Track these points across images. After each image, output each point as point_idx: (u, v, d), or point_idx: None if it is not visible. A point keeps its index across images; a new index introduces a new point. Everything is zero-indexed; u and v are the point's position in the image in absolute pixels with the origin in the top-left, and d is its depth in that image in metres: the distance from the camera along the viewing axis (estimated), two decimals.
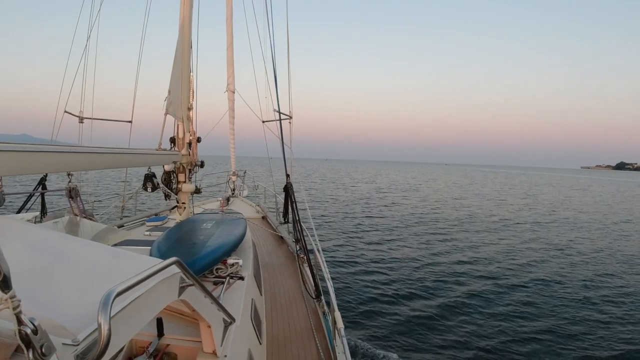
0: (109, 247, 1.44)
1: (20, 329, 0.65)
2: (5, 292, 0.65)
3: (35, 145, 2.04)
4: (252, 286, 3.06)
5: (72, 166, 2.67)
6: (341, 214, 18.86)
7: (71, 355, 0.74)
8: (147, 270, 1.01)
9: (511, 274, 9.99)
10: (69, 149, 2.37)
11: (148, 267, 1.11)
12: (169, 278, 1.13)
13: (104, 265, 1.22)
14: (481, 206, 25.20)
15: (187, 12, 4.98)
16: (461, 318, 6.97)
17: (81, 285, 1.03)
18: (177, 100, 4.88)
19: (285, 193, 4.90)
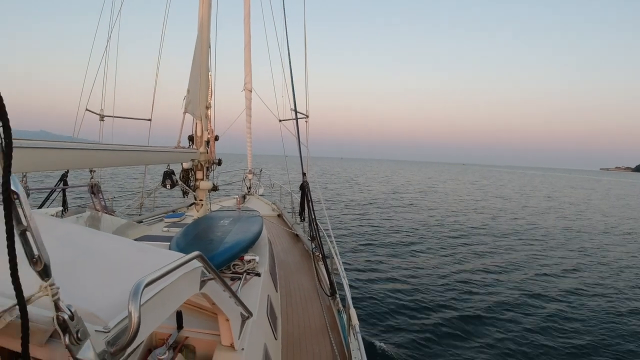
0: (132, 241, 1.49)
1: (58, 314, 0.69)
2: (45, 280, 0.69)
3: (58, 142, 2.11)
4: (268, 283, 3.11)
5: (94, 163, 2.76)
6: (356, 214, 18.58)
7: (102, 341, 0.77)
8: (173, 263, 1.05)
9: (541, 282, 9.34)
10: (91, 146, 2.46)
11: (171, 260, 1.16)
12: (191, 272, 1.17)
13: (129, 258, 1.27)
14: (504, 208, 24.28)
15: (206, 12, 5.06)
16: (482, 326, 6.80)
17: (108, 277, 1.08)
18: (196, 99, 4.97)
19: (302, 191, 4.95)
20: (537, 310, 7.57)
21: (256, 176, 10.28)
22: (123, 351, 0.81)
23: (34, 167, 1.95)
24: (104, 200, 3.52)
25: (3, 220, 0.64)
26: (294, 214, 7.98)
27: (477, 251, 12.23)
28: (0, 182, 0.65)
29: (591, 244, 14.54)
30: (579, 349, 6.13)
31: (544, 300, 8.20)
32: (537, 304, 7.93)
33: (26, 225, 0.66)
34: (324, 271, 4.51)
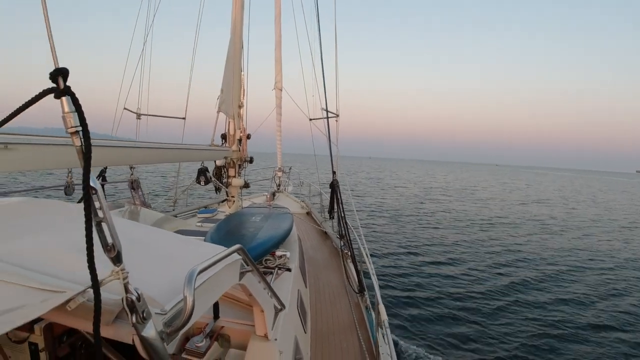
0: (175, 234, 1.60)
1: (127, 296, 0.78)
2: (117, 265, 0.78)
3: (101, 140, 2.28)
4: (298, 278, 3.18)
5: (134, 160, 2.94)
6: (386, 215, 18.06)
7: (160, 322, 0.86)
8: (220, 254, 1.14)
9: (604, 304, 8.09)
10: (132, 144, 2.62)
11: (212, 252, 1.24)
12: (232, 263, 1.25)
13: (175, 249, 1.37)
14: (552, 215, 22.39)
15: (239, 14, 5.21)
16: (525, 336, 6.41)
17: (159, 265, 1.18)
18: (229, 98, 5.14)
19: (332, 190, 5.01)
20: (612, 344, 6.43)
21: (285, 174, 10.43)
22: (177, 332, 0.89)
23: (78, 164, 2.11)
24: (143, 195, 3.71)
25: (81, 212, 0.73)
26: (323, 211, 8.06)
27: (521, 259, 11.32)
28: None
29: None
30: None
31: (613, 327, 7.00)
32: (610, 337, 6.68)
33: (102, 217, 0.74)
34: (353, 269, 4.55)
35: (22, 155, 1.73)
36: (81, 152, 0.74)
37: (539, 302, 7.95)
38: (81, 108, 0.74)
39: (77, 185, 2.81)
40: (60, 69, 0.71)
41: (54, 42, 0.73)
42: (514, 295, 8.26)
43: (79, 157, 0.74)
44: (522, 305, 7.72)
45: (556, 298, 8.26)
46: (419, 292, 8.04)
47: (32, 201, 1.66)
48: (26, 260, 0.98)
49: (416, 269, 9.73)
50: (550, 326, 6.86)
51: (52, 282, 0.87)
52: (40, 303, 0.76)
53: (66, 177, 2.72)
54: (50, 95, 0.72)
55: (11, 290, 0.84)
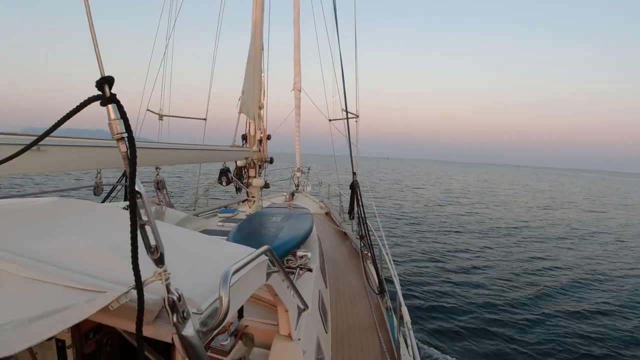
0: (202, 234, 1.63)
1: (169, 296, 0.80)
2: (160, 266, 0.80)
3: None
4: (319, 278, 3.20)
5: (159, 161, 2.99)
6: (406, 220, 17.51)
7: (197, 321, 0.88)
8: (250, 254, 1.16)
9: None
10: (156, 144, 2.68)
11: (240, 253, 1.26)
12: (260, 264, 1.28)
13: (204, 250, 1.41)
14: (580, 220, 21.22)
15: (259, 16, 5.27)
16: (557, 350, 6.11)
17: (191, 266, 1.21)
18: (250, 99, 5.20)
19: (352, 190, 5.01)
20: None
21: (304, 174, 10.48)
22: (212, 331, 0.91)
23: (106, 165, 2.18)
24: (168, 195, 3.80)
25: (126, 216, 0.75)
26: (342, 212, 8.05)
27: (550, 266, 10.87)
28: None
29: None
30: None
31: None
32: None
33: (146, 220, 0.76)
34: (373, 270, 4.54)
35: (53, 157, 1.77)
36: (127, 158, 0.76)
37: (573, 314, 7.47)
38: (126, 115, 0.77)
39: (106, 186, 2.88)
40: (106, 77, 0.73)
41: (99, 52, 0.75)
42: (544, 306, 7.85)
43: (125, 162, 0.76)
44: (553, 317, 7.29)
45: (593, 309, 7.74)
46: (442, 299, 7.85)
47: (62, 201, 1.71)
48: (62, 260, 1.01)
49: (438, 275, 9.48)
50: (588, 341, 6.44)
51: (92, 282, 0.89)
52: (85, 303, 0.78)
53: (95, 177, 2.80)
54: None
55: (53, 290, 0.86)
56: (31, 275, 0.91)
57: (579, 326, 6.94)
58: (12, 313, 0.75)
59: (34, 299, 0.82)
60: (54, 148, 1.77)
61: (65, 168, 1.87)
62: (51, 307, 0.74)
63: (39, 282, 0.89)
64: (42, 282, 0.89)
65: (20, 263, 0.96)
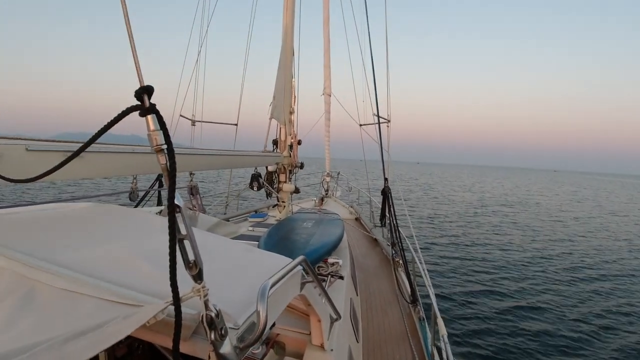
0: (237, 242, 1.62)
1: (207, 313, 0.77)
2: (198, 282, 0.77)
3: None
4: (350, 286, 3.13)
5: (192, 166, 3.03)
6: (441, 229, 16.33)
7: (234, 337, 0.85)
8: (286, 266, 1.12)
9: None
10: (190, 150, 2.71)
11: (276, 262, 1.22)
12: (295, 274, 1.23)
13: (240, 259, 1.38)
14: (635, 231, 18.60)
15: (290, 21, 5.31)
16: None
17: (228, 277, 1.18)
18: (281, 105, 5.23)
19: (383, 196, 4.91)
20: None
21: (334, 179, 10.44)
22: (249, 347, 0.88)
23: (142, 170, 2.22)
24: (201, 200, 3.85)
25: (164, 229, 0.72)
26: (372, 218, 7.94)
27: (609, 287, 9.51)
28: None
29: None
30: None
31: None
32: None
33: (185, 234, 0.74)
34: (404, 278, 4.42)
35: (90, 163, 1.80)
36: (166, 170, 0.73)
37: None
38: (166, 126, 0.74)
39: (141, 192, 2.94)
40: (146, 87, 0.71)
41: (139, 61, 0.73)
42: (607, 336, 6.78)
43: (165, 175, 0.73)
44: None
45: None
46: (476, 313, 7.30)
47: (98, 207, 1.73)
48: (98, 270, 1.00)
49: (474, 286, 8.78)
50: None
51: (128, 294, 0.87)
52: (122, 320, 0.76)
53: (131, 183, 2.86)
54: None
55: (88, 303, 0.84)
56: (66, 286, 0.90)
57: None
58: (48, 329, 0.74)
59: (69, 313, 0.81)
60: (92, 155, 1.81)
61: (102, 174, 1.91)
62: (87, 324, 0.73)
63: (74, 293, 0.88)
64: (77, 293, 0.88)
65: (55, 272, 0.95)
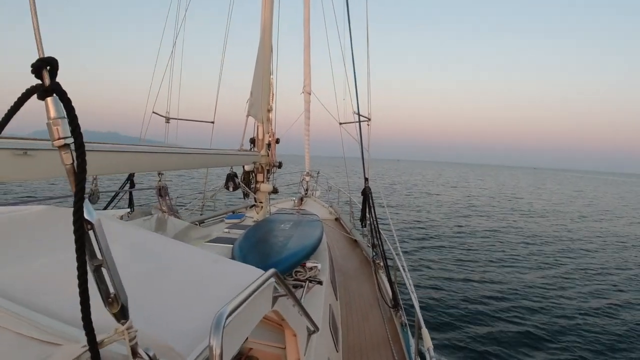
0: (204, 252, 1.49)
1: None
2: (122, 322, 0.62)
3: (128, 145, 2.22)
4: (330, 291, 3.07)
5: (162, 166, 2.88)
6: (423, 228, 15.90)
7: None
8: (252, 285, 0.99)
9: None
10: (160, 149, 2.56)
11: (246, 275, 1.12)
12: (266, 289, 1.13)
13: (206, 273, 1.26)
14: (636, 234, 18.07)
15: (268, 17, 5.20)
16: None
17: (183, 296, 1.04)
18: (258, 102, 5.11)
19: (364, 197, 4.86)
20: None
21: (313, 178, 10.37)
22: None
23: (103, 171, 2.06)
24: (171, 202, 3.69)
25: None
26: (352, 217, 7.91)
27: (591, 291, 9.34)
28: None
29: None
30: None
31: None
32: None
33: (102, 259, 0.59)
34: (385, 280, 4.39)
35: (42, 162, 1.63)
36: (73, 174, 0.55)
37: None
38: (74, 112, 0.55)
39: (103, 193, 2.77)
40: (46, 59, 0.53)
41: (38, 26, 0.54)
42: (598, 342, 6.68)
43: (70, 180, 0.56)
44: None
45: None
46: (459, 314, 7.27)
47: (52, 211, 1.55)
48: (28, 291, 0.87)
49: (456, 289, 8.62)
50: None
51: (51, 326, 0.75)
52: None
53: (90, 184, 2.64)
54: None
55: (3, 337, 0.71)
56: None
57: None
58: None
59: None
60: (44, 152, 1.63)
61: (55, 174, 1.74)
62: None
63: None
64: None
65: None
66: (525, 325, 6.97)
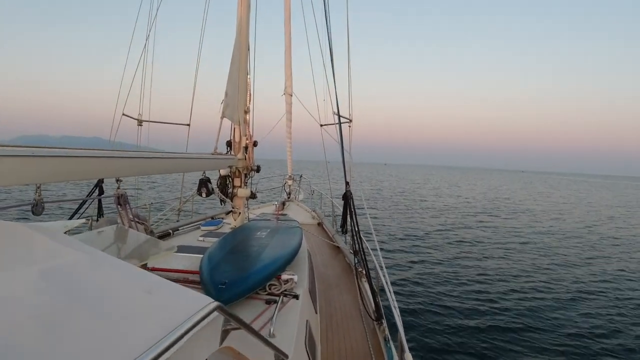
0: (143, 273, 1.25)
1: None
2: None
3: (82, 150, 2.01)
4: (307, 305, 2.89)
5: (126, 171, 2.62)
6: (410, 235, 15.39)
7: None
8: (183, 325, 0.82)
9: None
10: (120, 154, 2.34)
11: (190, 309, 0.93)
12: (208, 325, 0.94)
13: (133, 307, 1.02)
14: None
15: (245, 12, 5.04)
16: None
17: (99, 340, 0.82)
18: (234, 102, 4.93)
19: (345, 201, 4.70)
20: None
21: (296, 182, 10.23)
22: None
23: (53, 178, 1.84)
24: (132, 210, 3.41)
25: None
26: (335, 222, 7.78)
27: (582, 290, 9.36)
28: None
29: None
30: None
31: None
32: None
33: None
34: (368, 290, 4.25)
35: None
36: None
37: None
38: None
39: (48, 204, 2.52)
40: None
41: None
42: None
43: None
44: None
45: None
46: (446, 321, 7.16)
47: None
48: None
49: (443, 298, 8.38)
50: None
51: None
52: None
53: (34, 193, 2.38)
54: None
55: None
56: None
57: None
58: None
59: None
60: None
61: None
62: None
63: None
64: None
65: None
66: (514, 342, 6.68)
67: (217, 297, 2.24)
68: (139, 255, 2.62)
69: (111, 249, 2.60)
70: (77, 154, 1.98)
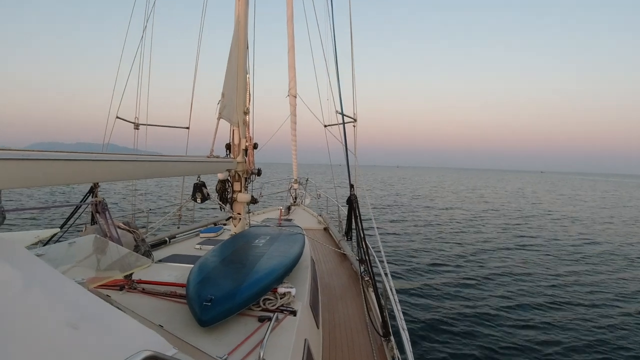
0: (90, 300, 1.08)
1: None
2: None
3: (59, 153, 1.89)
4: (307, 321, 2.70)
5: (107, 175, 2.46)
6: (427, 249, 13.36)
7: None
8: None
9: None
10: (97, 156, 2.20)
11: (122, 351, 0.78)
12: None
13: (45, 345, 0.87)
14: None
15: (243, 10, 4.96)
16: None
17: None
18: (232, 103, 4.82)
19: (349, 206, 4.52)
20: None
21: (302, 186, 10.12)
22: None
23: (26, 183, 1.72)
24: (112, 220, 3.24)
25: None
26: (341, 228, 7.62)
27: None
28: None
29: None
30: None
31: None
32: None
33: None
34: (375, 301, 4.07)
35: None
36: None
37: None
38: None
39: (9, 212, 2.38)
40: None
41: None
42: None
43: None
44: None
45: None
46: (457, 337, 6.62)
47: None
48: None
49: (455, 313, 7.66)
50: None
51: None
52: None
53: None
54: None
55: None
56: None
57: None
58: None
59: None
60: None
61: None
62: None
63: None
64: None
65: None
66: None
67: (200, 316, 2.10)
68: (117, 267, 2.50)
69: (84, 262, 2.47)
70: (62, 157, 1.86)
